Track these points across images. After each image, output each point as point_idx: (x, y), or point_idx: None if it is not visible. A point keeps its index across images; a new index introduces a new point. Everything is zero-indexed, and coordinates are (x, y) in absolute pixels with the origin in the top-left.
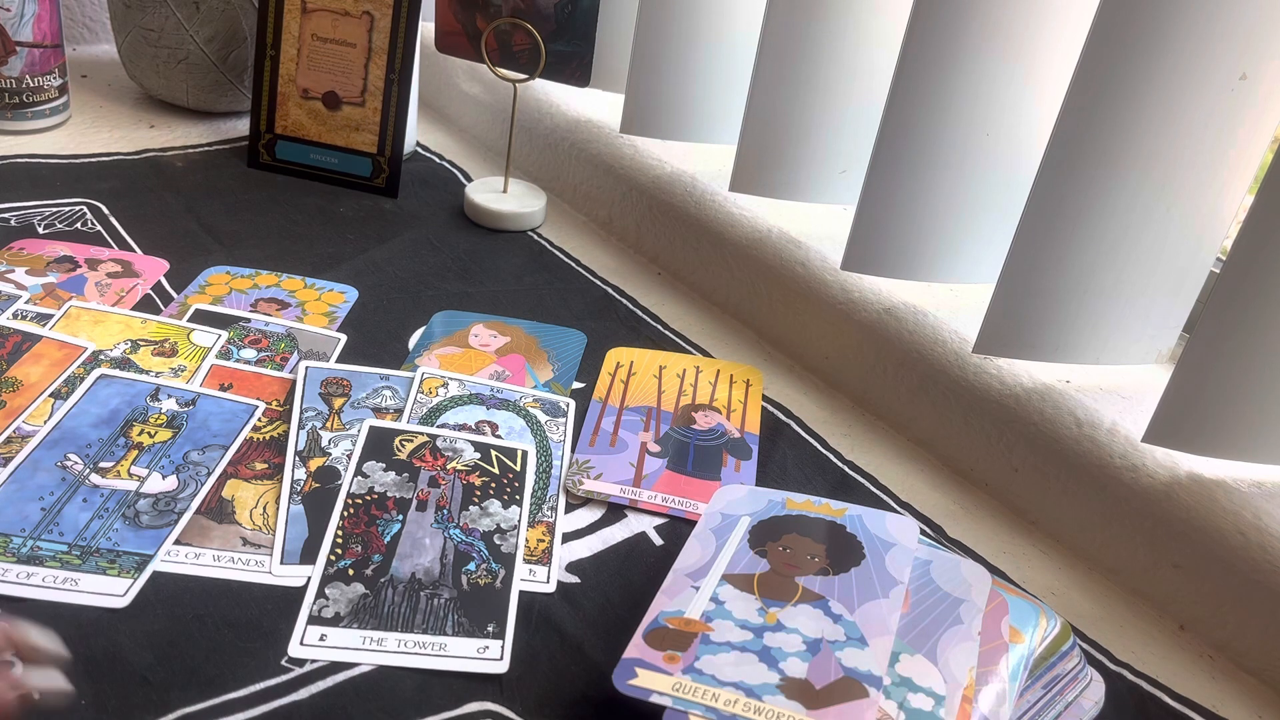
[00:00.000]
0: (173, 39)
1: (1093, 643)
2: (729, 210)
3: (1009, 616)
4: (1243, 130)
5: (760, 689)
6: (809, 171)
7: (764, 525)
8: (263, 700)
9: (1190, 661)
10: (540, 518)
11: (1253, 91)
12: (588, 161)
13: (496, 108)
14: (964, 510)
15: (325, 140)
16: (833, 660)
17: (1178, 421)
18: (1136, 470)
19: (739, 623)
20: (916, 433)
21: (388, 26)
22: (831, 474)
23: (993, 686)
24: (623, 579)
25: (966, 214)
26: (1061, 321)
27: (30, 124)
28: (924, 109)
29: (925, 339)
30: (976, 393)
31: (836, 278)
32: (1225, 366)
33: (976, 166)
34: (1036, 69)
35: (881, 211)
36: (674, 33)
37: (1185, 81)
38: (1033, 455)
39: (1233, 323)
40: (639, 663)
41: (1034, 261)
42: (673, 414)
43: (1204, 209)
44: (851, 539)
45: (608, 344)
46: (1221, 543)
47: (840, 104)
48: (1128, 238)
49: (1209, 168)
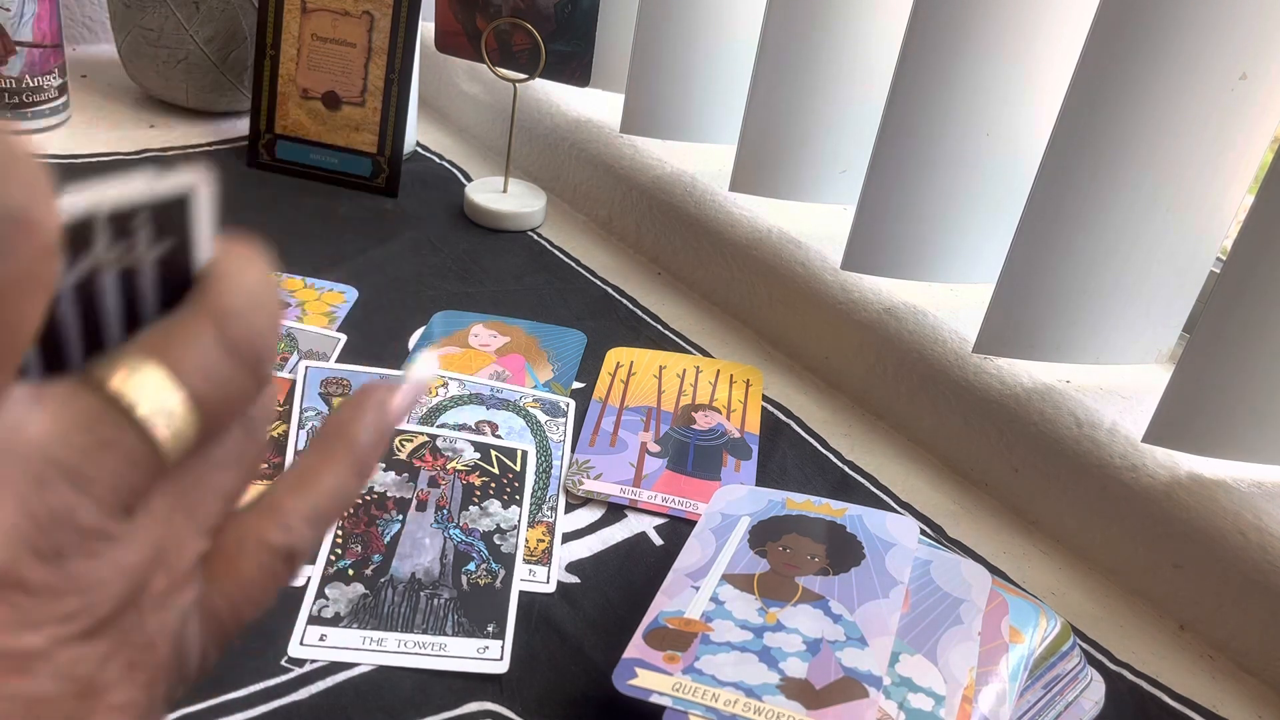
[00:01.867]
0: (173, 39)
1: (1093, 642)
2: (729, 210)
3: (1009, 616)
4: (1243, 130)
5: (760, 689)
6: (809, 171)
7: (764, 525)
8: (263, 700)
9: (1190, 661)
10: (540, 518)
11: (1253, 91)
12: (588, 161)
13: (496, 107)
14: (964, 510)
15: (325, 140)
16: (833, 660)
17: (1178, 421)
18: (1136, 470)
19: (739, 623)
20: (916, 433)
21: (388, 26)
22: (831, 474)
23: (993, 686)
24: (623, 579)
25: (967, 213)
26: (1061, 321)
27: (30, 124)
28: (924, 108)
29: (925, 339)
30: (977, 393)
31: (836, 277)
32: (1225, 366)
33: (977, 166)
34: (1037, 68)
35: (881, 211)
36: (674, 33)
37: (1185, 81)
38: (1033, 455)
39: (1233, 322)
40: (639, 663)
41: (1034, 261)
42: (673, 414)
43: (1204, 208)
44: (852, 539)
45: (608, 344)
46: (1222, 543)
47: (841, 104)
48: (1128, 237)
49: (1209, 167)
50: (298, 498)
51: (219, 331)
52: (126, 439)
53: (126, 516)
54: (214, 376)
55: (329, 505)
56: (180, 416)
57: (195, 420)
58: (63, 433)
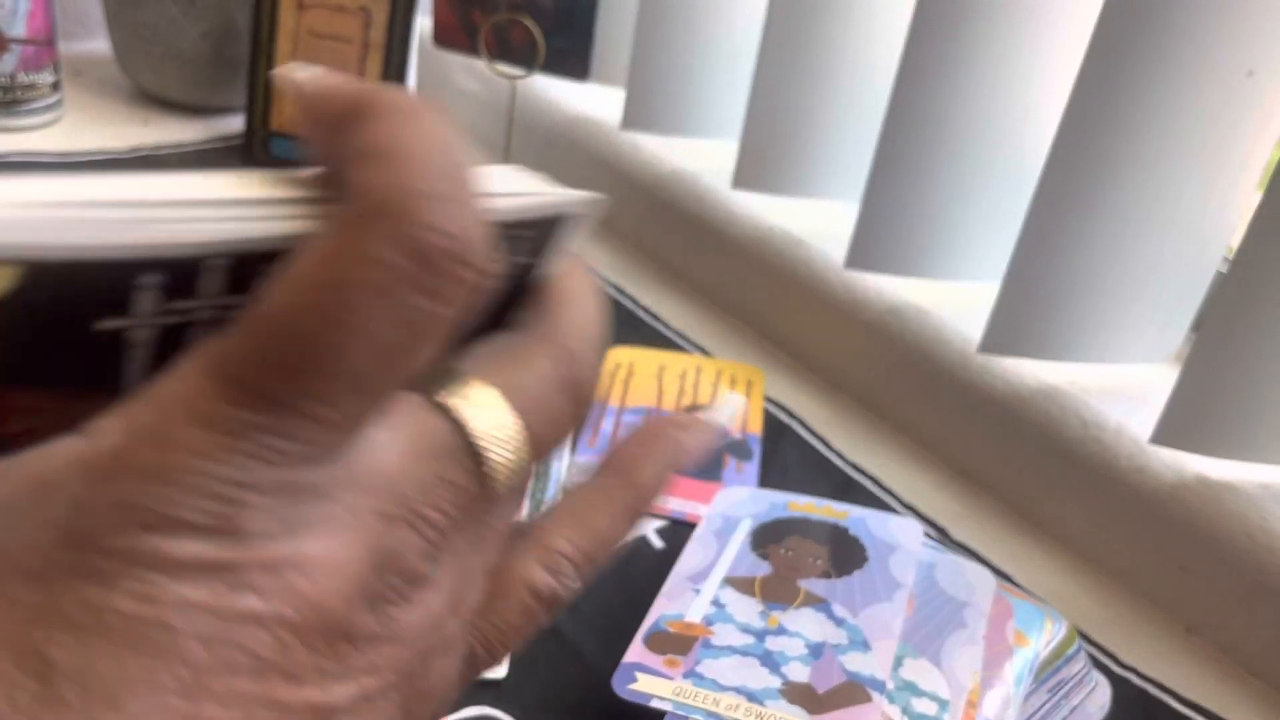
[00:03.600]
0: (167, 35)
1: (1098, 646)
2: (730, 209)
3: (1014, 620)
4: (1250, 127)
5: (762, 693)
6: (813, 168)
7: (766, 528)
8: None
9: (1197, 665)
10: None
11: (1260, 88)
12: (587, 159)
13: (494, 104)
14: (968, 512)
15: None
16: (835, 664)
17: (1185, 422)
18: (1143, 472)
19: (740, 626)
20: (920, 434)
21: (384, 21)
22: (834, 476)
23: (997, 691)
24: (622, 582)
25: (972, 211)
26: (1067, 320)
27: (24, 121)
28: (928, 105)
29: (929, 339)
30: (981, 393)
31: (839, 277)
32: (1233, 365)
33: (982, 163)
34: (1042, 65)
35: (885, 209)
36: (676, 26)
37: (1192, 78)
38: (1038, 456)
39: (1240, 321)
40: (639, 667)
41: (1039, 260)
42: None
43: (1211, 206)
44: (854, 541)
45: (607, 344)
46: (1229, 545)
47: (845, 99)
48: (1133, 235)
49: (1215, 165)
50: (569, 539)
51: (561, 366)
52: (463, 471)
53: (439, 558)
54: (549, 412)
55: (599, 550)
56: (516, 449)
57: (527, 455)
58: (410, 463)
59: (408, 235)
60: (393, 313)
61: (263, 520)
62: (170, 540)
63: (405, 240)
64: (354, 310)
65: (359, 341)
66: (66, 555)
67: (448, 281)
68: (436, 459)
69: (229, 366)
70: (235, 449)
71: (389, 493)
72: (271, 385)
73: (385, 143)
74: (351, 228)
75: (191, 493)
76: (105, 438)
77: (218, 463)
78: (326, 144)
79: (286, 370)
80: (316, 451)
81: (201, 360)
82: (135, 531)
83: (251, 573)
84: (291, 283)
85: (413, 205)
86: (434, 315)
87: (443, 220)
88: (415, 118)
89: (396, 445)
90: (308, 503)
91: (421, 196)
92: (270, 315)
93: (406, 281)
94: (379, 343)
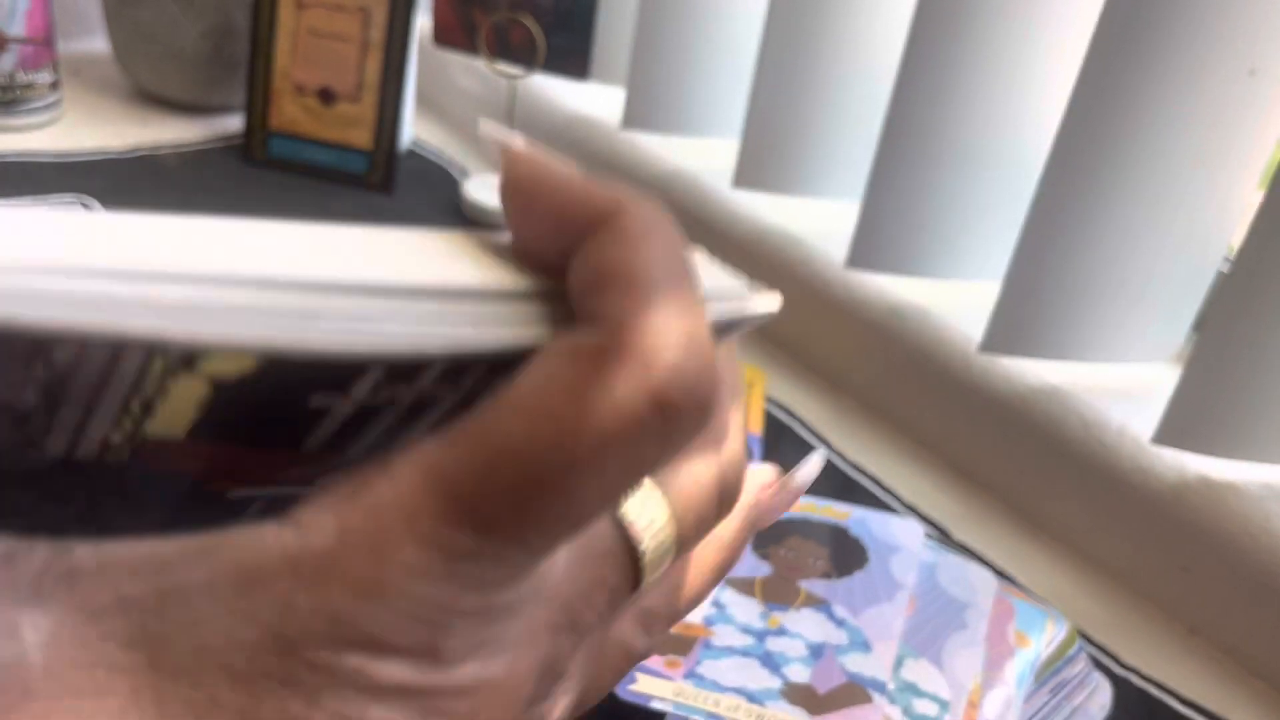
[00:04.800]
0: (167, 34)
1: (1100, 646)
2: (730, 208)
3: (1015, 620)
4: (1251, 126)
5: (762, 694)
6: (814, 167)
7: (766, 528)
8: None
9: (1199, 666)
10: None
11: (1261, 87)
12: (587, 158)
13: (494, 103)
14: (970, 513)
15: (320, 136)
16: (836, 665)
17: (1187, 422)
18: (1145, 472)
19: (741, 627)
20: (921, 434)
21: (384, 21)
22: (835, 476)
23: (999, 692)
24: None
25: (973, 210)
26: (1068, 320)
27: (23, 120)
28: (929, 103)
29: (930, 338)
30: (982, 393)
31: (840, 276)
32: (1235, 365)
33: (983, 161)
34: (1043, 64)
35: (886, 208)
36: (676, 24)
37: (1193, 76)
38: (1039, 457)
39: (1242, 320)
40: (639, 668)
41: (1040, 259)
42: None
43: (1212, 205)
44: (855, 542)
45: None
46: (1231, 545)
47: (846, 98)
48: (1135, 234)
49: (1217, 163)
50: (663, 602)
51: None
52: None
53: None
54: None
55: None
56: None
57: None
58: (577, 569)
59: (655, 387)
60: (630, 461)
61: (459, 643)
62: (376, 662)
63: (651, 391)
64: (594, 454)
65: (592, 484)
66: (272, 661)
67: (684, 433)
68: (599, 562)
69: (453, 485)
70: (451, 574)
71: (560, 603)
72: (497, 514)
73: (628, 270)
74: (594, 363)
75: (402, 616)
76: (316, 535)
77: (431, 585)
78: (547, 236)
79: (517, 503)
80: (520, 575)
81: (422, 469)
82: (343, 648)
83: (444, 698)
84: (529, 411)
85: (661, 355)
86: (664, 461)
87: (687, 373)
88: (654, 237)
89: (568, 550)
90: (499, 622)
91: (669, 348)
92: (503, 441)
93: (648, 433)
94: (610, 487)
